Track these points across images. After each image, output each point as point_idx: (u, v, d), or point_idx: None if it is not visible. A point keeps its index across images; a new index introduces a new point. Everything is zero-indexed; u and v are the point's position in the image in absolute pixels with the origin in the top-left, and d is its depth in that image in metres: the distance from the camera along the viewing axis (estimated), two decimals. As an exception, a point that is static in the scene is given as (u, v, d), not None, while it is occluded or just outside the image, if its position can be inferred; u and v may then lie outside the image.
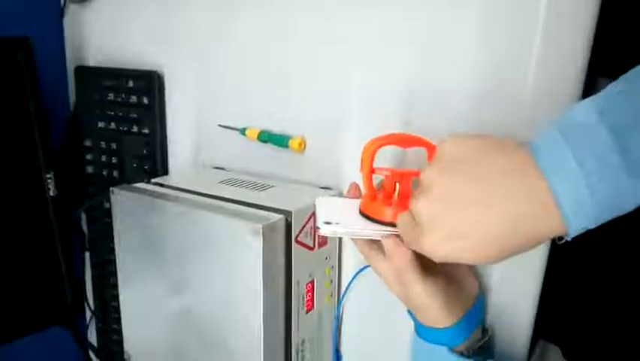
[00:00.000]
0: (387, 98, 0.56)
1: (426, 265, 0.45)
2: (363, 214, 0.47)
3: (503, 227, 0.34)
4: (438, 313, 0.46)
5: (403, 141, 0.47)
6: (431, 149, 0.46)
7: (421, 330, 0.49)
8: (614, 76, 0.62)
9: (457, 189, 0.36)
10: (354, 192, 0.51)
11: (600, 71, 0.59)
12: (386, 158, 0.55)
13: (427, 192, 0.37)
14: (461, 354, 0.47)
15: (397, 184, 0.47)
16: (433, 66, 0.53)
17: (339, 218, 0.46)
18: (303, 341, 0.57)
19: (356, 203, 0.49)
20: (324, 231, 0.45)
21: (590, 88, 0.49)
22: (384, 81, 0.56)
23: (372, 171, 0.46)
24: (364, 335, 0.63)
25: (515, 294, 0.53)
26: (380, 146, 0.45)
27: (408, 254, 0.43)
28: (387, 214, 0.45)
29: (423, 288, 0.44)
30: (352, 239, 0.49)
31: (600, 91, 0.60)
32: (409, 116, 0.55)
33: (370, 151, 0.45)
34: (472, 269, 0.52)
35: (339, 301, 0.62)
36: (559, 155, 0.32)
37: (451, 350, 0.47)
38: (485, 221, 0.34)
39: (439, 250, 0.37)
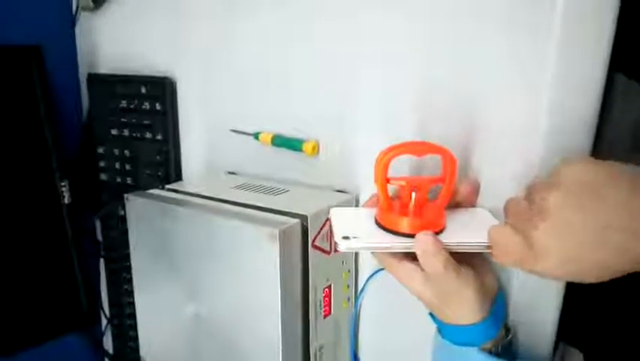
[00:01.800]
0: (401, 100, 0.55)
1: (456, 258, 0.45)
2: (379, 225, 0.47)
3: (620, 257, 0.35)
4: (473, 307, 0.45)
5: (418, 149, 0.46)
6: (447, 156, 0.45)
7: (448, 331, 0.48)
8: (630, 73, 0.61)
9: (580, 218, 0.36)
10: (374, 203, 0.50)
11: (617, 67, 0.58)
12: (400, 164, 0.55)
13: (550, 219, 0.37)
14: (490, 353, 0.46)
15: (414, 193, 0.46)
16: (447, 69, 0.52)
17: (357, 231, 0.46)
18: (321, 347, 0.57)
19: (371, 213, 0.48)
20: (343, 247, 0.45)
21: (606, 85, 0.48)
22: (398, 84, 0.55)
23: (387, 180, 0.45)
24: (382, 339, 0.62)
25: (538, 295, 0.52)
26: (394, 156, 0.44)
27: (445, 251, 0.43)
28: (405, 225, 0.45)
29: (459, 279, 0.44)
30: None
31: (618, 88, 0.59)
32: (423, 119, 0.54)
33: (384, 161, 0.44)
34: (491, 266, 0.51)
35: (355, 305, 0.62)
36: None
37: (480, 349, 0.46)
38: (603, 252, 0.36)
39: (552, 273, 0.38)
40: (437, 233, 0.45)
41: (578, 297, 0.57)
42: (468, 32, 0.50)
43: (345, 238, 0.45)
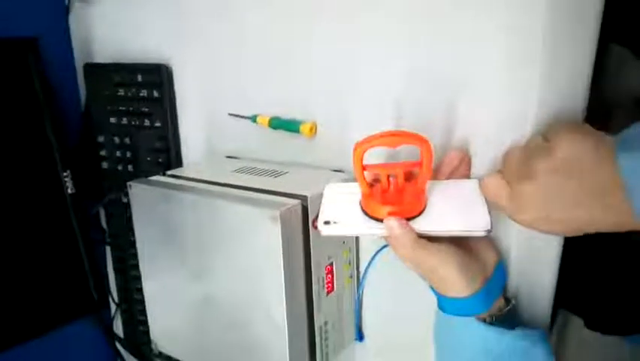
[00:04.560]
0: (399, 82, 0.56)
1: (434, 238, 0.47)
2: (363, 210, 0.49)
3: (589, 222, 0.40)
4: (456, 282, 0.47)
5: (392, 140, 0.46)
6: (423, 144, 0.45)
7: (443, 302, 0.49)
8: (625, 43, 0.61)
9: (562, 184, 0.40)
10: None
11: (612, 38, 0.58)
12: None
13: (536, 181, 0.41)
14: (484, 322, 0.47)
15: (391, 179, 0.48)
16: (444, 54, 0.52)
17: (340, 216, 0.48)
18: (325, 323, 0.58)
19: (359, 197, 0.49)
20: (324, 232, 0.48)
21: (601, 55, 0.48)
22: (395, 67, 0.56)
23: (364, 168, 0.47)
24: (386, 315, 0.64)
25: (535, 264, 0.53)
26: (368, 148, 0.45)
27: (412, 234, 0.46)
28: (383, 212, 0.46)
29: (434, 257, 0.46)
30: None
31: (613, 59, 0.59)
32: (418, 99, 0.55)
33: (358, 153, 0.46)
34: (488, 241, 0.52)
35: (360, 283, 0.63)
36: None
37: (476, 318, 0.48)
38: (572, 221, 0.41)
39: (529, 225, 0.43)
40: (417, 215, 0.47)
41: (576, 265, 0.58)
42: (467, 18, 0.50)
43: (327, 223, 0.48)
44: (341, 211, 0.49)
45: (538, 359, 0.47)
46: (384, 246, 0.59)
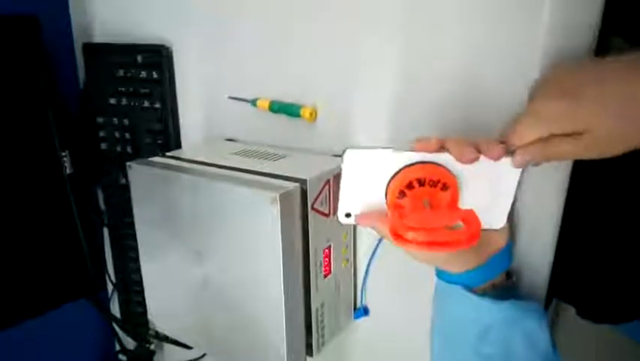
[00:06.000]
0: (399, 64, 0.56)
1: None
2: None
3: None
4: (443, 268, 0.50)
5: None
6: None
7: (438, 270, 0.52)
8: (627, 36, 0.61)
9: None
10: (424, 147, 0.43)
11: (613, 31, 0.58)
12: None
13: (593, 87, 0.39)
14: (474, 293, 0.48)
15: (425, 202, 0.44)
16: (443, 40, 0.53)
17: (361, 206, 0.46)
18: (322, 305, 0.59)
19: (384, 178, 0.45)
20: (343, 222, 0.47)
21: (602, 49, 0.48)
22: (394, 49, 0.56)
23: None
24: (387, 293, 0.64)
25: (530, 254, 0.53)
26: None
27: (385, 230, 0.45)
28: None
29: (422, 257, 0.48)
30: None
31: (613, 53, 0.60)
32: (418, 82, 0.55)
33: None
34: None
35: (368, 267, 0.63)
36: None
37: (467, 288, 0.48)
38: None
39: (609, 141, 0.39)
40: None
41: (569, 254, 0.59)
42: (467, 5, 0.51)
43: (348, 215, 0.47)
44: (363, 198, 0.46)
45: (532, 331, 0.47)
46: None
